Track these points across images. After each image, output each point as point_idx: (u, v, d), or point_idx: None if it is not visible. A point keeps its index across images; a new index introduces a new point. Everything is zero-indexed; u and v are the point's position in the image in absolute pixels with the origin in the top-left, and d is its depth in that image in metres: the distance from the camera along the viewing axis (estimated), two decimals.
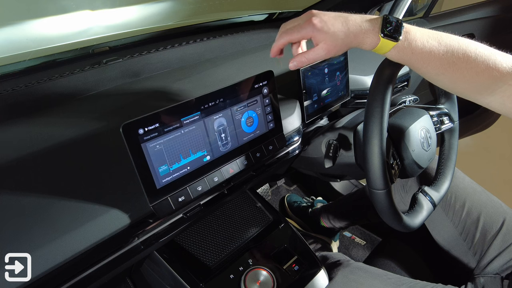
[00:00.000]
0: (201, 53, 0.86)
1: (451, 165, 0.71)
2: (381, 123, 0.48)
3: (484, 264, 0.69)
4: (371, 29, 0.45)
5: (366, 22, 0.45)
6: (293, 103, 0.73)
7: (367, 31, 0.45)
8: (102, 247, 0.45)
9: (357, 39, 0.46)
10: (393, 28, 0.44)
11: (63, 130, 0.56)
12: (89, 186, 0.48)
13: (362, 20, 0.46)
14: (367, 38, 0.45)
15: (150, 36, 0.85)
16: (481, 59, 0.43)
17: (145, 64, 0.77)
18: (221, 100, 0.53)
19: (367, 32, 0.45)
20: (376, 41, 0.45)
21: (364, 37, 0.45)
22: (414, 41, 0.44)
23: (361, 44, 0.46)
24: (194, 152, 0.51)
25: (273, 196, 1.40)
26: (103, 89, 0.69)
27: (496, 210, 0.73)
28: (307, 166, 0.85)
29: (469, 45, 0.44)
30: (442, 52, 0.44)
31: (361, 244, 1.25)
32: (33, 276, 0.39)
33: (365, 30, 0.45)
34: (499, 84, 0.43)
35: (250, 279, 0.58)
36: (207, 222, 0.68)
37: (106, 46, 0.79)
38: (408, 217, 0.56)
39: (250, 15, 1.05)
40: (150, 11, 0.87)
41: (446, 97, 0.73)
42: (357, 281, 0.66)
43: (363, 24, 0.45)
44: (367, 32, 0.45)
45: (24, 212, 0.42)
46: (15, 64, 0.67)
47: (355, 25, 0.45)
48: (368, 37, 0.45)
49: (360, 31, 0.45)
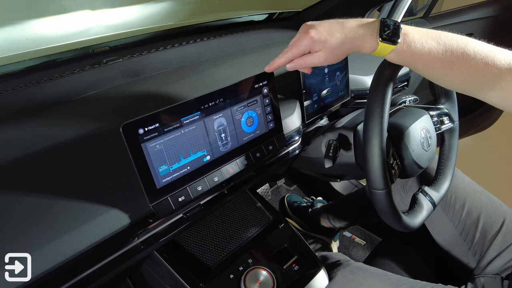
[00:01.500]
0: (201, 53, 0.86)
1: (451, 165, 0.71)
2: (381, 123, 0.48)
3: (484, 264, 0.69)
4: (369, 34, 0.45)
5: (363, 27, 0.45)
6: (293, 103, 0.73)
7: (365, 36, 0.45)
8: (102, 247, 0.45)
9: (356, 45, 0.46)
10: (391, 32, 0.44)
11: (63, 130, 0.56)
12: (89, 186, 0.48)
13: (359, 25, 0.46)
14: (365, 43, 0.45)
15: (150, 36, 0.85)
16: (480, 57, 0.44)
17: (145, 64, 0.77)
18: (221, 100, 0.53)
19: (365, 37, 0.45)
20: (375, 46, 0.45)
21: (362, 43, 0.45)
22: (413, 42, 0.45)
23: (360, 49, 0.46)
24: (194, 152, 0.51)
25: (273, 196, 1.40)
26: (103, 89, 0.69)
27: (496, 210, 0.73)
28: (307, 166, 0.85)
29: (467, 44, 0.44)
30: (441, 52, 0.44)
31: (361, 244, 1.25)
32: (33, 276, 0.39)
33: (363, 35, 0.45)
34: (498, 81, 0.44)
35: (250, 279, 0.58)
36: (207, 222, 0.68)
37: (106, 46, 0.79)
38: (408, 217, 0.56)
39: (250, 15, 1.05)
40: (150, 11, 0.87)
41: (446, 97, 0.73)
42: (357, 281, 0.66)
43: (360, 29, 0.45)
44: (365, 37, 0.45)
45: (24, 212, 0.42)
46: (15, 64, 0.67)
47: (352, 31, 0.45)
48: (367, 42, 0.45)
49: (358, 37, 0.45)
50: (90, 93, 0.67)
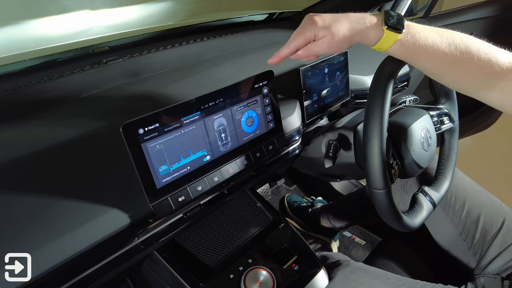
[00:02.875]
0: (201, 53, 0.86)
1: (451, 165, 0.71)
2: (381, 123, 0.48)
3: (484, 264, 0.69)
4: (374, 22, 0.45)
5: (368, 17, 0.45)
6: (293, 103, 0.73)
7: (370, 24, 0.45)
8: (102, 247, 0.45)
9: (360, 33, 0.45)
10: (396, 21, 0.44)
11: (63, 130, 0.56)
12: (89, 186, 0.48)
13: (364, 15, 0.46)
14: (370, 31, 0.45)
15: (150, 36, 0.85)
16: (483, 53, 0.44)
17: (145, 64, 0.77)
18: (221, 100, 0.53)
19: (370, 26, 0.45)
20: (380, 34, 0.45)
21: (367, 31, 0.45)
22: (417, 33, 0.44)
23: (364, 39, 0.46)
24: (194, 152, 0.51)
25: (273, 196, 1.40)
26: (103, 89, 0.69)
27: (496, 210, 0.72)
28: (307, 166, 0.85)
29: (470, 40, 0.45)
30: (445, 45, 0.44)
31: (361, 244, 1.25)
32: (33, 276, 0.39)
33: (368, 23, 0.45)
34: (499, 80, 0.44)
35: (250, 279, 0.58)
36: (207, 222, 0.68)
37: (106, 46, 0.79)
38: (408, 217, 0.56)
39: (250, 15, 1.05)
40: (150, 11, 0.87)
41: (446, 97, 0.73)
42: (357, 281, 0.66)
43: (365, 18, 0.45)
44: (370, 26, 0.45)
45: (24, 212, 0.42)
46: (15, 64, 0.67)
47: (356, 20, 0.45)
48: (372, 30, 0.45)
49: (363, 25, 0.45)
50: (90, 93, 0.67)
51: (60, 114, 0.62)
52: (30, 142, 0.53)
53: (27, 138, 0.54)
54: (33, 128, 0.57)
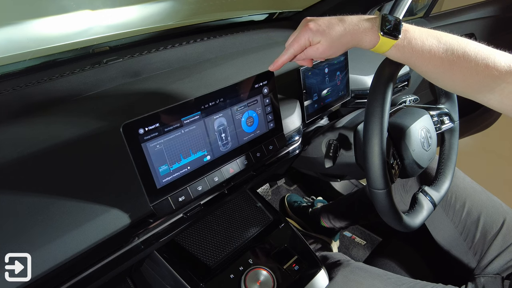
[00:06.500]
0: (201, 53, 0.86)
1: (451, 165, 0.71)
2: (382, 122, 0.48)
3: (485, 264, 0.69)
4: (370, 27, 0.45)
5: (364, 21, 0.45)
6: (293, 103, 0.73)
7: (365, 29, 0.45)
8: (102, 247, 0.45)
9: (355, 38, 0.45)
10: (392, 26, 0.44)
11: (63, 130, 0.56)
12: (89, 186, 0.48)
13: (360, 19, 0.46)
14: (366, 36, 0.45)
15: (150, 36, 0.85)
16: (481, 58, 0.43)
17: (145, 64, 0.77)
18: (221, 100, 0.53)
19: (366, 31, 0.45)
20: (376, 40, 0.45)
21: (362, 36, 0.45)
22: (413, 39, 0.44)
23: (360, 43, 0.46)
24: (194, 152, 0.51)
25: (273, 196, 1.40)
26: (103, 89, 0.69)
27: (496, 210, 0.72)
28: (307, 166, 0.85)
29: (468, 44, 0.44)
30: (442, 51, 0.44)
31: (361, 244, 1.25)
32: (33, 276, 0.39)
33: (363, 29, 0.45)
34: (498, 82, 0.43)
35: (250, 278, 0.58)
36: (207, 222, 0.68)
37: (106, 46, 0.79)
38: (408, 217, 0.56)
39: (250, 15, 1.05)
40: (150, 11, 0.87)
41: (446, 97, 0.73)
42: (357, 281, 0.66)
43: (361, 23, 0.45)
44: (366, 31, 0.45)
45: (24, 212, 0.42)
46: (15, 64, 0.67)
47: (352, 24, 0.45)
48: (367, 36, 0.45)
49: (358, 30, 0.45)
50: (90, 93, 0.67)
51: (60, 114, 0.62)
52: (30, 142, 0.53)
53: (27, 138, 0.54)
54: (33, 128, 0.57)
